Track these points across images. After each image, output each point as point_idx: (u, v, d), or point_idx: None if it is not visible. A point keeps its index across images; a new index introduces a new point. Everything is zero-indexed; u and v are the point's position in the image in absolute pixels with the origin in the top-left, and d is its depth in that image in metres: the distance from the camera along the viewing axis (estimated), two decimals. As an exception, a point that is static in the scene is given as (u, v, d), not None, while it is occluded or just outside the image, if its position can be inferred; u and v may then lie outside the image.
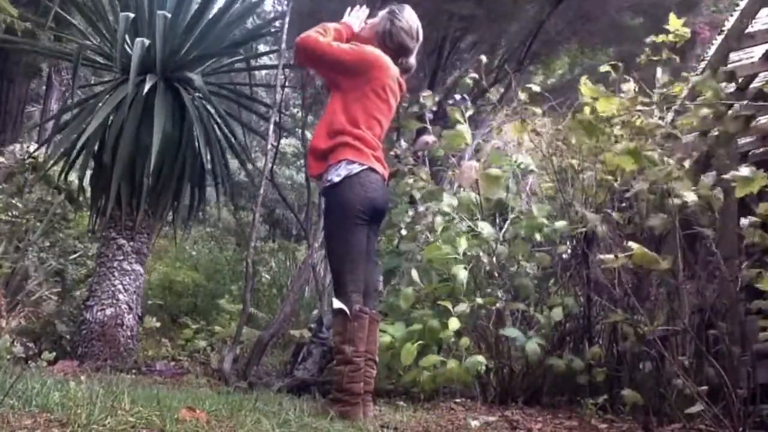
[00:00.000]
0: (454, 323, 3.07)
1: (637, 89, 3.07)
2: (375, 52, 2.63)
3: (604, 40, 6.16)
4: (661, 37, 2.92)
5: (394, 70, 2.68)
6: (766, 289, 2.25)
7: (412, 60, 2.81)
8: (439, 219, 3.45)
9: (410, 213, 3.82)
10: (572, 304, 3.22)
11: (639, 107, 2.96)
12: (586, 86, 2.99)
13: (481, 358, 3.08)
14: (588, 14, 5.82)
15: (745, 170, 2.20)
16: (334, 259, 2.58)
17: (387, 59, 2.65)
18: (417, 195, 3.80)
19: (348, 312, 2.44)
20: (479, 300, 3.20)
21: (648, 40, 2.99)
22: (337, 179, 2.51)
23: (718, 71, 2.67)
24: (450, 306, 3.15)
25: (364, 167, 2.52)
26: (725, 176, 2.38)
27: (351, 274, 2.50)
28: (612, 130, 3.03)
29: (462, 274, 3.17)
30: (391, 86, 2.65)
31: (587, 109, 3.10)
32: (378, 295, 4.04)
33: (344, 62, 2.59)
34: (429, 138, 3.55)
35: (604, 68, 3.09)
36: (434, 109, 3.75)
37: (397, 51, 2.72)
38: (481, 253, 3.30)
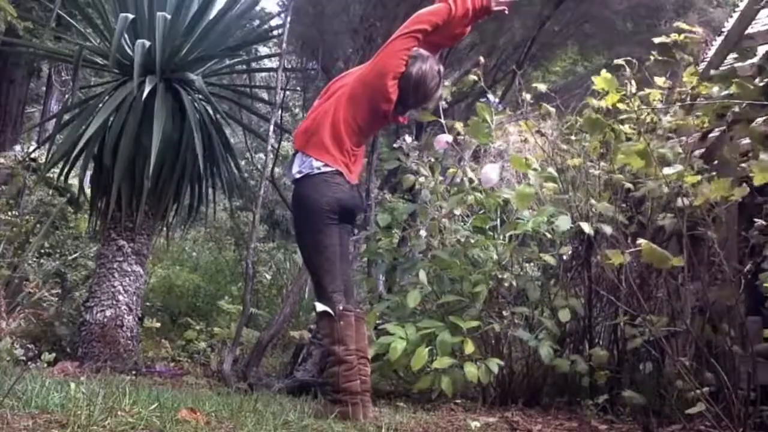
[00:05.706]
0: (470, 347, 3.04)
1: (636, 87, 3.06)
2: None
3: (601, 42, 6.16)
4: (672, 36, 2.91)
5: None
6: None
7: (405, 111, 2.71)
8: (449, 220, 3.40)
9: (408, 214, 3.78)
10: (577, 305, 3.20)
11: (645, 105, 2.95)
12: (600, 77, 2.93)
13: (498, 360, 3.07)
14: (586, 15, 5.82)
15: (765, 156, 2.06)
16: (309, 261, 2.59)
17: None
18: (427, 194, 3.73)
19: (333, 313, 2.45)
20: (496, 327, 3.17)
21: (657, 40, 2.97)
22: (298, 175, 2.54)
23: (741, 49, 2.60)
24: (462, 324, 3.10)
25: (331, 169, 2.53)
26: (744, 165, 2.34)
27: (328, 274, 2.51)
28: (620, 127, 3.01)
29: (484, 293, 3.16)
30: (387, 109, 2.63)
31: (593, 102, 3.08)
32: (378, 295, 4.02)
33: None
34: (447, 137, 3.49)
35: (617, 62, 3.06)
36: (447, 102, 3.68)
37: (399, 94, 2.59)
38: (499, 274, 3.25)
